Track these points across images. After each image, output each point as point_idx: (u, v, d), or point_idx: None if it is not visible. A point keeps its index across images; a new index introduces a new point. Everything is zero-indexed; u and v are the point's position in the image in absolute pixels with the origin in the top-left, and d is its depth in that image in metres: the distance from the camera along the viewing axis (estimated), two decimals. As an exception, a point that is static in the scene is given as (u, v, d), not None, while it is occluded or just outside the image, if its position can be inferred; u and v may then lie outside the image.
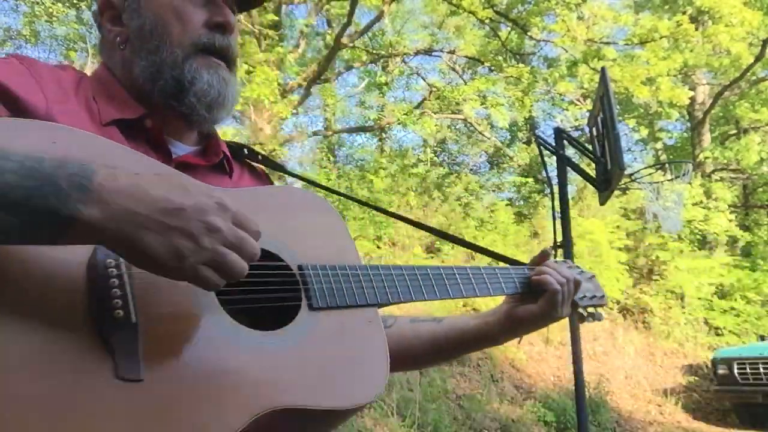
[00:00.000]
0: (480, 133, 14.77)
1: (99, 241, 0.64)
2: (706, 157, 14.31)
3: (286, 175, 1.25)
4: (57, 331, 0.64)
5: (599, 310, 1.20)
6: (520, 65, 11.96)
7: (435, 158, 14.79)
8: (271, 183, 1.11)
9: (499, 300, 1.14)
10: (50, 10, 10.27)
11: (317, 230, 0.91)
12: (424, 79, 14.05)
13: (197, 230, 0.64)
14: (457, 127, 15.79)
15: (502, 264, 1.18)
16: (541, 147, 3.66)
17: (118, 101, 0.89)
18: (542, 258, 1.14)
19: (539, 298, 1.07)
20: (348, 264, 0.90)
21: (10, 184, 0.58)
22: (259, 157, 1.09)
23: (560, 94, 11.76)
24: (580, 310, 1.17)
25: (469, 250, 10.15)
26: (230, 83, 0.93)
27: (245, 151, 1.07)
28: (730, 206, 13.26)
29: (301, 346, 0.79)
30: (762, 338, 9.24)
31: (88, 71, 0.97)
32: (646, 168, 9.13)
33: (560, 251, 3.37)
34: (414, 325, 1.10)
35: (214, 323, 0.73)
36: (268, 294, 0.80)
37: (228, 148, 1.02)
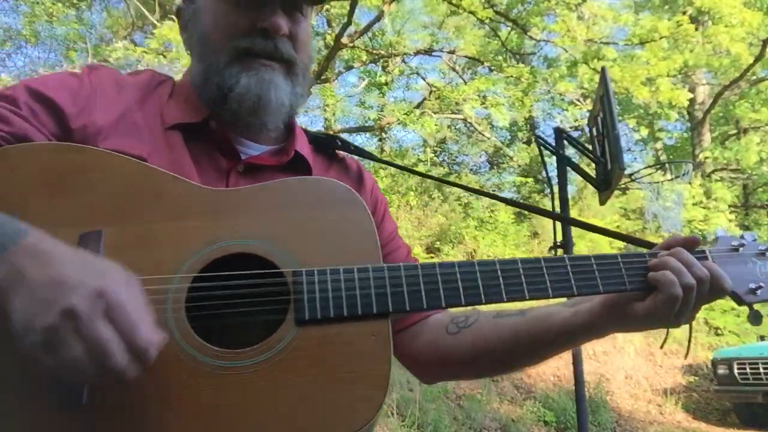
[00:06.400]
0: (480, 133, 14.77)
1: None
2: (706, 157, 14.32)
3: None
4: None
5: None
6: (520, 65, 11.96)
7: (435, 158, 14.80)
8: (361, 175, 1.06)
9: None
10: (50, 10, 10.27)
11: (336, 227, 0.78)
12: (424, 79, 14.05)
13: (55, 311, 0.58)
14: (457, 127, 15.80)
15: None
16: (541, 147, 3.65)
17: (187, 104, 0.92)
18: (680, 243, 0.86)
19: (649, 296, 0.83)
20: (362, 265, 0.76)
21: None
22: (352, 148, 1.06)
23: (560, 94, 11.76)
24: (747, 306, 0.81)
25: (469, 250, 10.15)
26: (277, 85, 0.89)
27: (338, 142, 1.04)
28: (730, 206, 13.26)
29: (270, 370, 0.67)
30: (762, 338, 9.23)
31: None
32: (646, 168, 9.12)
33: (560, 251, 3.36)
34: (496, 321, 0.91)
35: (172, 345, 0.64)
36: (250, 308, 0.70)
37: (317, 141, 1.03)
